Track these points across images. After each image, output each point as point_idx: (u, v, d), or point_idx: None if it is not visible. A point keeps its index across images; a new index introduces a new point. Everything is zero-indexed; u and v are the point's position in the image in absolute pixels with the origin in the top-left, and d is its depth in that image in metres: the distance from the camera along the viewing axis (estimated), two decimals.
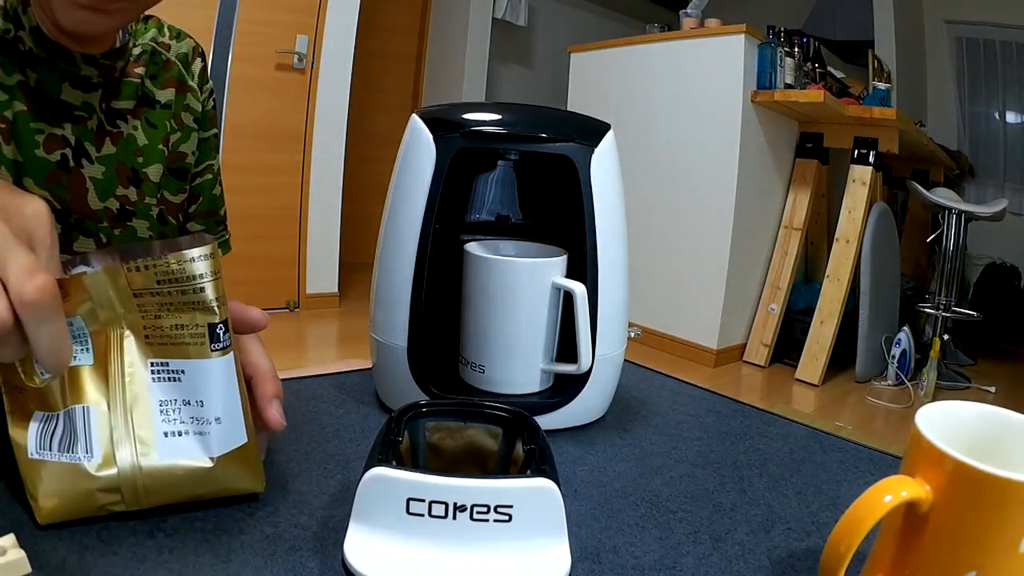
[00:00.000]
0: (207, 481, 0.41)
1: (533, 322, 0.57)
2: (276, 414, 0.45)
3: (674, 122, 3.38)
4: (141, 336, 0.41)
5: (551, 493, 0.38)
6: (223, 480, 0.42)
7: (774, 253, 3.47)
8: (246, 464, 0.42)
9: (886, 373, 3.30)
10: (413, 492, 0.37)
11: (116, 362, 0.40)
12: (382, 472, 0.37)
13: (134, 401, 0.40)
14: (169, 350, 0.41)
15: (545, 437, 0.43)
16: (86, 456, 0.39)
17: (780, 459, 0.57)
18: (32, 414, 0.39)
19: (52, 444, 0.39)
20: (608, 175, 0.58)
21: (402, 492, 0.37)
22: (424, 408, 0.45)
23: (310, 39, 3.27)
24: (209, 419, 0.41)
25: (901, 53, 4.30)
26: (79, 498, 0.38)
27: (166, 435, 0.40)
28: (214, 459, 0.41)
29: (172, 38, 0.71)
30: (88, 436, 0.39)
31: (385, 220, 0.59)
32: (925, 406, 0.36)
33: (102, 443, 0.39)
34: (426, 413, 0.45)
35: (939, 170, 4.31)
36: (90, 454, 0.39)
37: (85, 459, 0.39)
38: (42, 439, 0.39)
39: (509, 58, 4.59)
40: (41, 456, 0.38)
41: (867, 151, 3.20)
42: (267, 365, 0.47)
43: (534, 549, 0.38)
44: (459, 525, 0.37)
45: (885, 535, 0.36)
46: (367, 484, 0.38)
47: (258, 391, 0.45)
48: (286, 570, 0.37)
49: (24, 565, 0.33)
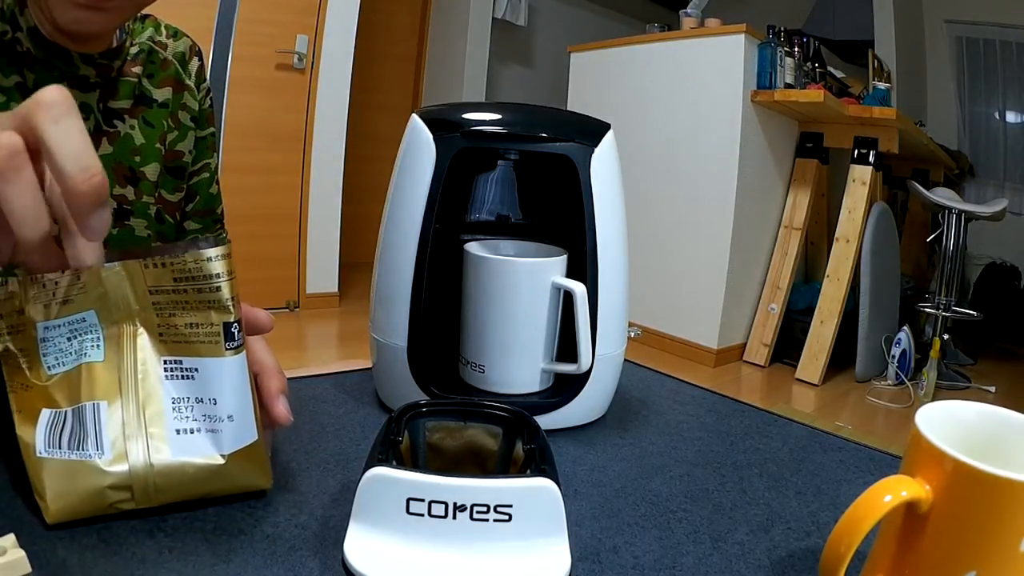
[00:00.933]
0: (218, 478, 0.41)
1: (533, 322, 0.57)
2: (284, 410, 0.45)
3: (674, 122, 3.38)
4: (155, 334, 0.41)
5: (551, 493, 0.38)
6: (233, 477, 0.42)
7: (774, 253, 3.47)
8: (256, 461, 0.43)
9: (886, 373, 3.30)
10: (413, 492, 0.37)
11: (129, 359, 0.41)
12: (382, 472, 0.37)
13: (147, 398, 0.41)
14: (183, 348, 0.41)
15: (545, 437, 0.43)
16: (97, 453, 0.39)
17: (780, 459, 0.57)
18: (39, 412, 0.39)
19: (61, 442, 0.39)
20: (608, 175, 0.58)
21: (402, 492, 0.37)
22: (424, 408, 0.45)
23: (310, 39, 3.27)
24: (222, 417, 0.41)
25: (901, 53, 4.30)
26: (88, 496, 0.38)
27: (178, 432, 0.41)
28: (225, 456, 0.41)
29: (169, 37, 0.71)
30: (99, 433, 0.39)
31: (385, 220, 0.59)
32: (925, 406, 0.36)
33: (113, 440, 0.39)
34: (426, 413, 0.45)
35: (939, 170, 4.31)
36: (101, 451, 0.39)
37: (96, 456, 0.39)
38: (51, 437, 0.39)
39: (509, 58, 4.59)
40: (50, 454, 0.38)
41: (867, 151, 3.20)
42: (272, 361, 0.48)
43: (534, 549, 0.38)
44: (459, 525, 0.37)
45: (885, 535, 0.36)
46: (367, 484, 0.38)
47: (265, 387, 0.46)
48: (286, 570, 0.37)
49: (24, 565, 0.33)
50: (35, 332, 0.39)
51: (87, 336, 0.40)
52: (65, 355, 0.40)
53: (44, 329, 0.39)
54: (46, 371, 0.39)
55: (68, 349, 0.40)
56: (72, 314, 0.39)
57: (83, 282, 0.39)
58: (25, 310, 0.38)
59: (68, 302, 0.39)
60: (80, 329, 0.40)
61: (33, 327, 0.39)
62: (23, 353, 0.39)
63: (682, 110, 3.35)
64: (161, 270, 0.40)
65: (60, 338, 0.39)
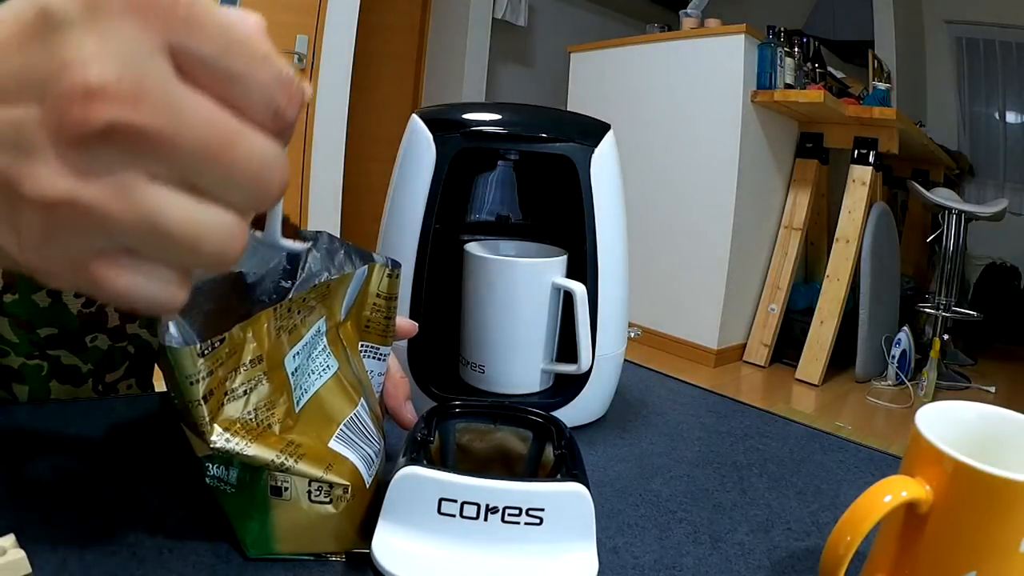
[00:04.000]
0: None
1: (533, 322, 0.57)
2: (411, 415, 0.49)
3: (674, 122, 3.38)
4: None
5: (583, 498, 0.38)
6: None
7: (774, 253, 3.47)
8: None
9: (886, 373, 3.30)
10: (446, 492, 0.37)
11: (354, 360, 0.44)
12: (416, 471, 0.37)
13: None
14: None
15: (575, 441, 0.43)
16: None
17: (780, 459, 0.57)
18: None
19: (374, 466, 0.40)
20: (608, 175, 0.58)
21: (435, 492, 0.37)
22: (455, 409, 0.45)
23: (310, 39, 3.27)
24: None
25: (901, 53, 4.30)
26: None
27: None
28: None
29: None
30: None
31: (385, 220, 0.59)
32: (925, 406, 0.36)
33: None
34: (457, 414, 0.45)
35: (939, 170, 4.31)
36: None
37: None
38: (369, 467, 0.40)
39: (509, 58, 4.59)
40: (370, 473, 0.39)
41: (867, 151, 3.20)
42: (396, 366, 0.51)
43: (563, 553, 0.38)
44: (490, 526, 0.37)
45: (885, 535, 0.36)
46: (399, 482, 0.37)
47: (392, 394, 0.49)
48: (286, 570, 0.37)
49: (24, 565, 0.33)
50: (284, 370, 0.37)
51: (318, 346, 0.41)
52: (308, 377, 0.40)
53: (292, 359, 0.38)
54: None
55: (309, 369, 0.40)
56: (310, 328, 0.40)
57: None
58: (263, 353, 0.36)
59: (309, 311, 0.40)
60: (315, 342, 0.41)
61: (280, 366, 0.37)
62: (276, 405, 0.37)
63: (682, 110, 3.35)
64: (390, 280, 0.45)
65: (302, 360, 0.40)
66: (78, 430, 0.50)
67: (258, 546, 0.37)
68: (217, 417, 0.34)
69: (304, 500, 0.36)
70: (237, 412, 0.35)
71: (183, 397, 0.33)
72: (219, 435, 0.34)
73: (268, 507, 0.36)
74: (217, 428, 0.34)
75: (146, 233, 0.21)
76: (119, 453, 0.47)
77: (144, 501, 0.41)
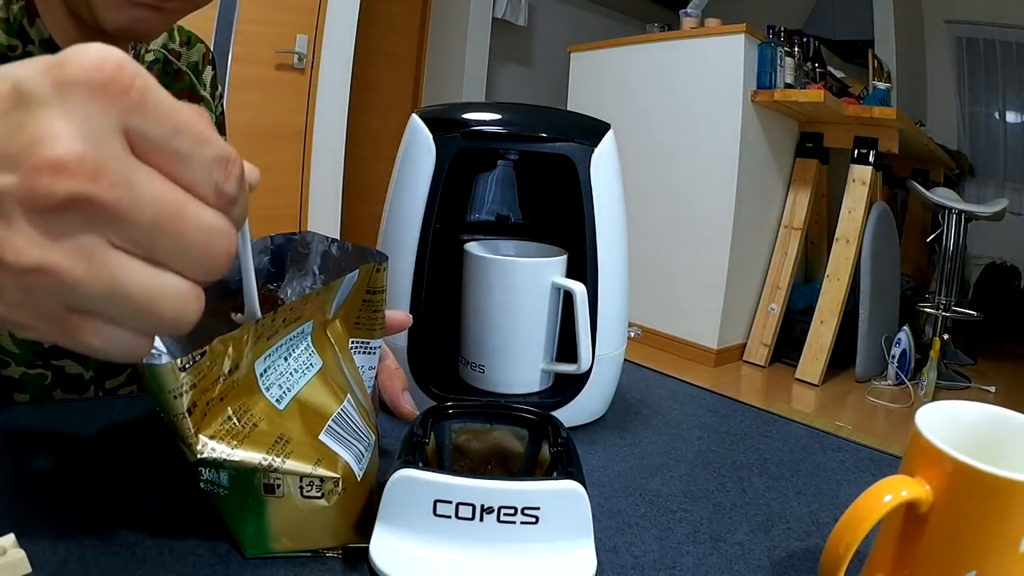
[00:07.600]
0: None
1: (533, 322, 0.57)
2: (409, 407, 0.49)
3: (674, 122, 3.38)
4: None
5: (579, 495, 0.38)
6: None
7: (774, 253, 3.47)
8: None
9: (886, 373, 3.30)
10: (441, 494, 0.37)
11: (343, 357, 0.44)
12: (410, 473, 0.37)
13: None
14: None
15: (572, 439, 0.43)
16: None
17: (780, 459, 0.57)
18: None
19: (363, 462, 0.40)
20: (608, 175, 0.58)
21: (430, 494, 0.37)
22: (450, 410, 0.45)
23: (310, 39, 3.27)
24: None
25: (901, 53, 4.30)
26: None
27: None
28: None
29: (183, 45, 0.70)
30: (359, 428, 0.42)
31: (385, 220, 0.59)
32: (925, 406, 0.36)
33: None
34: (452, 415, 0.45)
35: (939, 170, 4.31)
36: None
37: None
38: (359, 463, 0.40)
39: (509, 58, 4.59)
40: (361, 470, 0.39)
41: (867, 151, 3.20)
42: (390, 359, 0.51)
43: (560, 551, 0.38)
44: (486, 527, 0.37)
45: (885, 535, 0.36)
46: (394, 485, 0.37)
47: (389, 386, 0.50)
48: (285, 569, 0.37)
49: (24, 565, 0.33)
50: (254, 374, 0.38)
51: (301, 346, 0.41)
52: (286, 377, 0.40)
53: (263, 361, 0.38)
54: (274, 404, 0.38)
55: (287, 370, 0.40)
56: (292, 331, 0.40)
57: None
58: (239, 361, 0.36)
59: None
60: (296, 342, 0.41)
61: (251, 368, 0.37)
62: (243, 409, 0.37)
63: (682, 110, 3.35)
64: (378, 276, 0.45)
65: (279, 362, 0.39)
66: (78, 430, 0.50)
67: (255, 546, 0.37)
68: (202, 428, 0.34)
69: (297, 496, 0.36)
70: (220, 419, 0.35)
71: (168, 412, 0.33)
72: (204, 444, 0.34)
73: (262, 506, 0.36)
74: (203, 438, 0.34)
75: (109, 295, 0.23)
76: (119, 453, 0.47)
77: (144, 501, 0.41)
